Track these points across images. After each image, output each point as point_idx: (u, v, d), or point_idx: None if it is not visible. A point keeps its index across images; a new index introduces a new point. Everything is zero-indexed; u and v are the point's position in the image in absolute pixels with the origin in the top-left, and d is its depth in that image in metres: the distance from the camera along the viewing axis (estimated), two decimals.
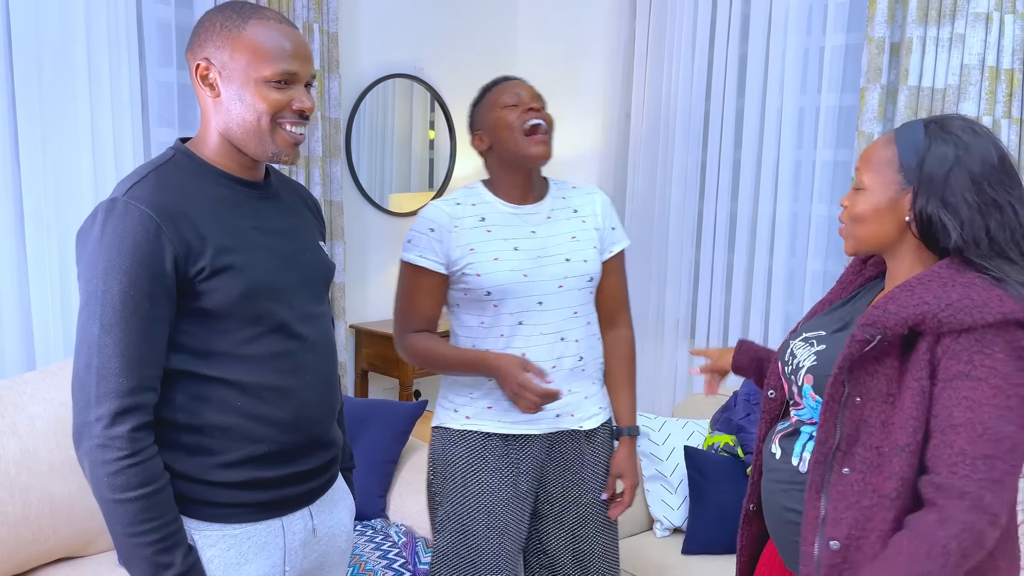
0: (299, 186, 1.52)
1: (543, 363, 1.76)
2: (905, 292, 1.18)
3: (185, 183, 1.27)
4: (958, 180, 1.18)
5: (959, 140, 1.20)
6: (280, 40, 1.26)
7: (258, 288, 1.28)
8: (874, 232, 1.26)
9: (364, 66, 3.47)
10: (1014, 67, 2.56)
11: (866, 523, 1.18)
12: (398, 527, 2.43)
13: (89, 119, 2.62)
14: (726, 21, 3.21)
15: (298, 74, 1.28)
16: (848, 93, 2.97)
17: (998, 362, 1.12)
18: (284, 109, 1.28)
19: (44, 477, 2.13)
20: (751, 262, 3.21)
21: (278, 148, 1.30)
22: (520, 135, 1.74)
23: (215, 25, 1.27)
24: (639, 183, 3.50)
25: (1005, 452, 1.11)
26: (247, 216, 1.31)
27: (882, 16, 2.73)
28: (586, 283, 1.80)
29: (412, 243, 1.77)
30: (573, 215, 1.84)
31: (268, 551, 1.33)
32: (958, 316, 1.13)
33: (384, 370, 3.46)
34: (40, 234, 2.56)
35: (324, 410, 1.39)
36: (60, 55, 2.55)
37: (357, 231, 3.52)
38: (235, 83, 1.26)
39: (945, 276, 1.17)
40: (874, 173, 1.25)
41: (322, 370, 1.38)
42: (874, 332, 1.17)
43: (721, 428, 2.61)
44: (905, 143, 1.24)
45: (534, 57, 3.86)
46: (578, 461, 1.84)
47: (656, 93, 3.42)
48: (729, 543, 2.38)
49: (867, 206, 1.25)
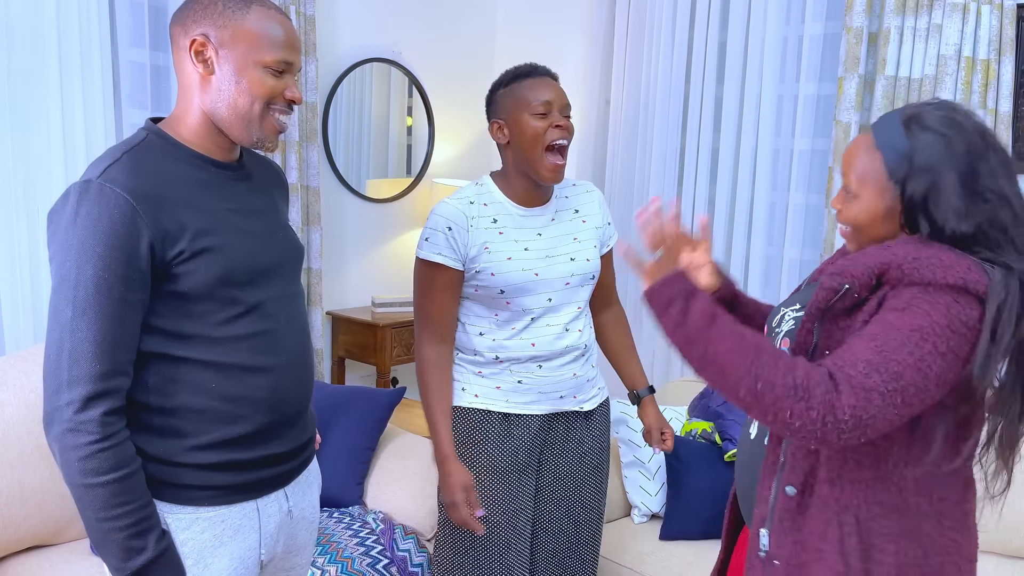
0: (270, 164, 1.52)
1: (551, 353, 1.83)
2: (878, 248, 1.20)
3: (159, 165, 1.26)
4: (946, 182, 1.16)
5: (940, 136, 1.17)
6: (280, 30, 1.29)
7: (236, 270, 1.27)
8: (875, 235, 1.26)
9: (342, 50, 3.43)
10: (990, 57, 2.58)
11: (820, 470, 1.21)
12: (376, 514, 2.42)
13: (59, 99, 2.56)
14: (706, 8, 3.21)
15: (293, 64, 1.31)
16: (826, 82, 2.98)
17: (934, 311, 1.10)
18: (277, 97, 1.30)
19: (14, 465, 2.10)
20: (729, 249, 3.23)
21: (264, 134, 1.31)
22: (542, 151, 1.76)
23: (216, 5, 1.27)
24: (618, 169, 3.50)
25: (890, 373, 1.07)
26: (223, 198, 1.31)
27: (860, 5, 2.74)
28: (589, 280, 1.88)
29: (429, 241, 1.78)
30: (575, 215, 1.90)
31: (243, 534, 1.33)
32: (922, 271, 1.12)
33: (361, 357, 3.43)
34: (9, 217, 2.51)
35: (300, 391, 1.39)
36: (30, 34, 2.49)
37: (334, 217, 3.48)
38: (232, 64, 1.26)
39: (919, 241, 1.18)
40: (864, 183, 1.24)
41: (298, 350, 1.38)
42: (842, 281, 1.17)
43: (699, 415, 2.63)
44: (888, 149, 1.21)
45: (513, 42, 3.84)
46: (576, 439, 1.92)
47: (635, 80, 3.41)
48: (706, 529, 2.39)
49: (865, 217, 1.25)
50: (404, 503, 2.44)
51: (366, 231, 3.62)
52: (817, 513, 1.22)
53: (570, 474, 1.92)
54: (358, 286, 3.61)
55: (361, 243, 3.61)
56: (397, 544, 2.31)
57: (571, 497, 1.92)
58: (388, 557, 2.26)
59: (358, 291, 3.60)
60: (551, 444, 1.90)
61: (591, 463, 1.94)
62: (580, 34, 3.62)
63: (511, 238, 1.80)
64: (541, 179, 1.78)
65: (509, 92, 1.80)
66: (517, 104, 1.78)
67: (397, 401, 2.65)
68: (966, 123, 1.19)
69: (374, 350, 3.36)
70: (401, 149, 3.73)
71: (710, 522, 2.39)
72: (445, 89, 3.77)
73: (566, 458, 1.92)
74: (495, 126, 1.82)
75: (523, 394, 1.84)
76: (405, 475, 2.50)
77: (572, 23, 3.67)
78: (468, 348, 1.86)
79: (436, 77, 3.74)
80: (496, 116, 1.82)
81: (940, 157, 1.17)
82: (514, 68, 1.85)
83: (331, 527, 2.33)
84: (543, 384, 1.85)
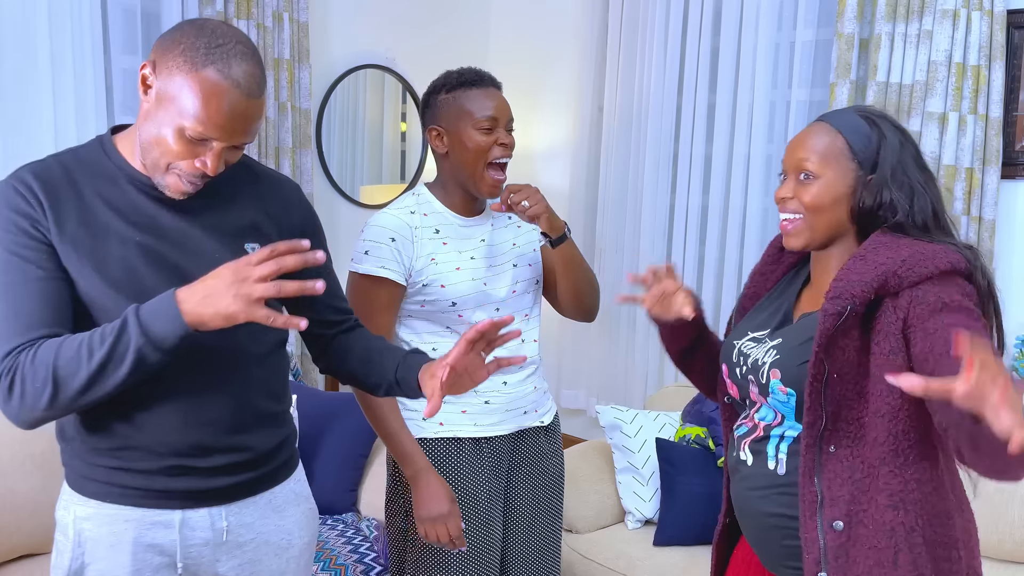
0: (265, 181, 1.40)
1: None
2: (858, 262, 1.22)
3: (82, 176, 1.24)
4: (907, 164, 1.27)
5: (896, 127, 1.30)
6: (220, 103, 1.16)
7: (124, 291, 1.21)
8: (831, 221, 1.28)
9: (335, 56, 3.43)
10: (980, 63, 2.60)
11: (862, 496, 1.20)
12: (369, 521, 2.42)
13: (52, 106, 2.55)
14: (698, 16, 3.22)
15: (217, 141, 1.19)
16: (818, 88, 3.00)
17: (964, 297, 1.19)
18: (185, 160, 1.20)
19: (6, 473, 2.09)
20: (722, 255, 3.23)
21: (166, 184, 1.23)
22: (483, 167, 1.69)
23: (179, 45, 1.18)
24: (611, 176, 3.50)
25: None
26: (142, 227, 1.24)
27: (852, 12, 2.76)
28: (534, 286, 1.83)
29: (369, 254, 1.68)
30: (509, 221, 1.84)
31: (150, 539, 1.28)
32: (915, 268, 1.19)
33: None
34: None
35: (212, 414, 1.29)
36: (22, 41, 2.49)
37: (328, 223, 3.44)
38: (161, 108, 1.19)
39: (887, 241, 1.24)
40: (827, 162, 1.27)
41: (213, 373, 1.27)
42: (844, 303, 1.20)
43: (692, 420, 2.63)
44: (851, 132, 1.28)
45: (506, 50, 3.85)
46: (539, 453, 1.86)
47: (628, 87, 3.42)
48: (700, 534, 2.39)
49: (827, 196, 1.27)
50: None
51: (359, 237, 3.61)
52: (877, 541, 1.20)
53: (534, 490, 1.85)
54: None
55: None
56: None
57: (535, 512, 1.86)
58: (381, 564, 2.26)
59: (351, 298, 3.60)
60: (518, 463, 1.83)
61: (553, 475, 1.89)
62: (573, 41, 3.63)
63: (455, 248, 1.72)
64: (480, 194, 1.72)
65: (453, 100, 1.71)
66: (460, 115, 1.68)
67: None
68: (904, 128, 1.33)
69: None
70: (395, 155, 3.73)
71: (704, 528, 2.39)
72: None
73: (531, 475, 1.85)
74: (434, 133, 1.72)
75: (490, 415, 1.76)
76: None
77: (565, 30, 3.68)
78: None
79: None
80: (436, 122, 1.72)
81: (901, 143, 1.27)
82: (458, 72, 1.74)
83: (325, 534, 2.33)
84: (509, 401, 1.77)
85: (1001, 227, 2.70)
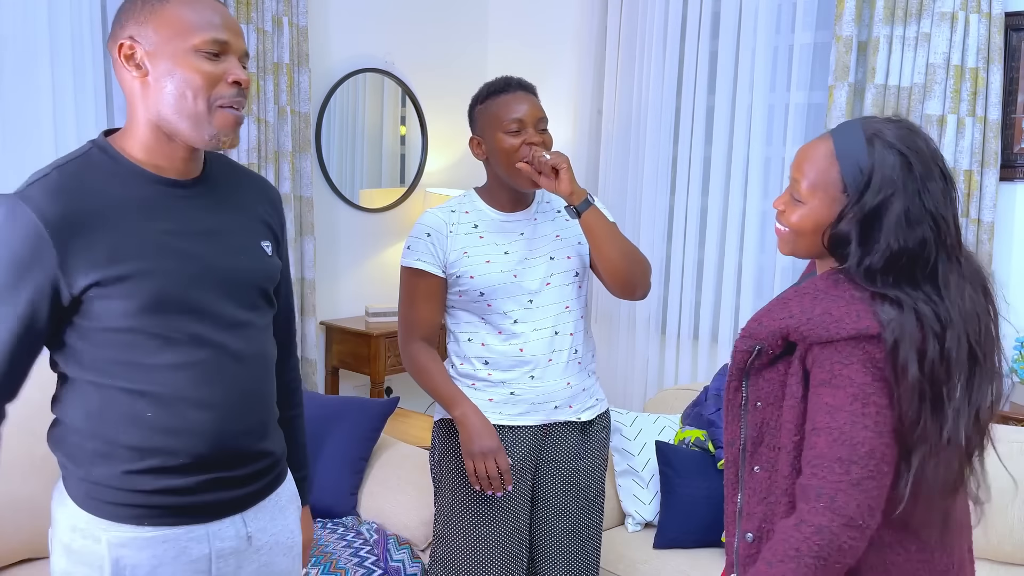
0: (254, 179, 1.41)
1: (540, 357, 1.81)
2: (779, 304, 1.24)
3: (91, 183, 1.20)
4: (890, 210, 1.17)
5: (901, 157, 1.18)
6: (206, 12, 1.19)
7: (165, 297, 1.20)
8: (810, 244, 1.27)
9: (334, 60, 3.44)
10: (978, 66, 2.60)
11: (772, 517, 1.25)
12: (369, 525, 2.41)
13: (52, 108, 2.56)
14: (697, 18, 3.23)
15: (230, 44, 1.20)
16: (816, 91, 3.00)
17: (855, 372, 1.16)
18: (219, 83, 1.19)
19: (6, 476, 2.08)
20: (721, 258, 3.24)
21: (216, 129, 1.20)
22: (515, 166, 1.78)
23: (136, 3, 1.19)
24: (611, 179, 3.51)
25: (862, 456, 1.14)
26: (163, 219, 1.22)
27: (850, 15, 2.77)
28: (572, 278, 1.87)
29: (411, 249, 1.83)
30: (557, 215, 1.90)
31: (189, 556, 1.27)
32: (817, 330, 1.18)
33: (355, 367, 3.43)
34: None
35: (248, 422, 1.30)
36: (22, 42, 2.49)
37: (327, 227, 3.48)
38: (164, 59, 1.17)
39: (820, 288, 1.21)
40: (815, 191, 1.24)
41: (246, 381, 1.29)
42: (752, 343, 1.24)
43: (692, 423, 2.63)
44: (848, 161, 1.21)
45: (505, 53, 3.85)
46: (574, 452, 1.90)
47: (628, 89, 3.43)
48: (700, 537, 2.39)
49: (810, 223, 1.25)
50: (398, 513, 2.43)
51: (359, 241, 3.62)
52: None
53: (567, 487, 1.89)
54: (352, 296, 3.60)
55: (354, 253, 3.61)
56: (391, 555, 2.30)
57: (569, 511, 1.90)
58: (382, 568, 2.25)
59: (352, 301, 3.60)
60: (547, 457, 1.89)
61: (588, 476, 1.91)
62: (572, 44, 3.64)
63: (491, 242, 1.82)
64: (520, 188, 1.82)
65: (485, 109, 1.81)
66: (491, 122, 1.79)
67: (391, 411, 2.65)
68: (925, 148, 1.21)
69: (368, 360, 3.36)
70: (394, 159, 3.73)
71: (704, 530, 2.39)
72: (438, 99, 3.78)
73: (563, 471, 1.89)
74: (474, 142, 1.84)
75: (515, 405, 1.83)
76: (399, 485, 2.49)
77: (564, 33, 3.68)
78: (460, 356, 1.86)
79: (429, 87, 3.75)
80: (475, 133, 1.85)
81: (898, 178, 1.18)
82: (489, 83, 1.84)
83: (325, 537, 2.33)
84: (536, 395, 1.84)
85: (1000, 229, 2.70)
